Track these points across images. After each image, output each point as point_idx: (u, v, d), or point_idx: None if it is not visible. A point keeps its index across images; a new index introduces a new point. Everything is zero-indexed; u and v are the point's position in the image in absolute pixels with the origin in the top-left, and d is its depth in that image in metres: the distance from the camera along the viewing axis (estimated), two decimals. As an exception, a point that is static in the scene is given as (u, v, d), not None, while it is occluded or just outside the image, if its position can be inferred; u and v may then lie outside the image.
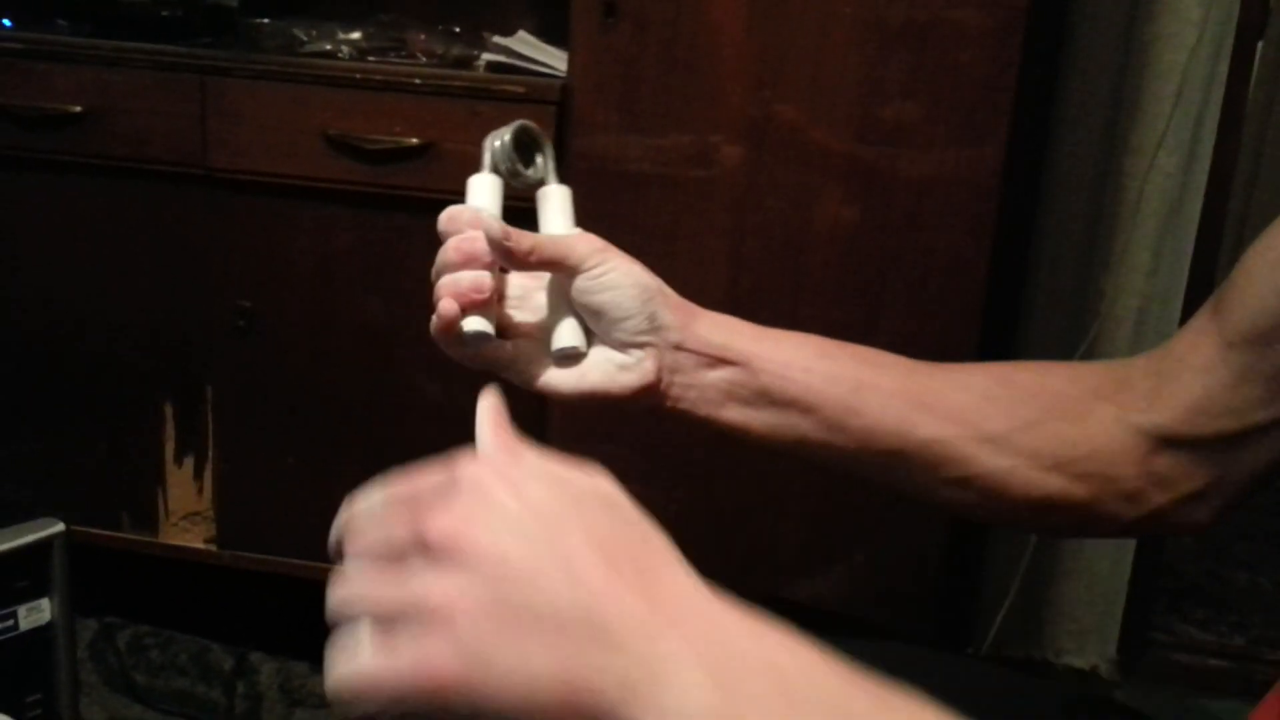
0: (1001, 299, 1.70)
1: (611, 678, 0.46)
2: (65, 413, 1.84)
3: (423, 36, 1.70)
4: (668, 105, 1.55)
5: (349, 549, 0.53)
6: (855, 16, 1.49)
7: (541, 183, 0.84)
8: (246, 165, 1.67)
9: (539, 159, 0.83)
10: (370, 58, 1.68)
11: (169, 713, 1.90)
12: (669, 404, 0.81)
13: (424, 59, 1.68)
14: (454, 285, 0.78)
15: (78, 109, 1.68)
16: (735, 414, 0.81)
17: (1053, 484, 0.79)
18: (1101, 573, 2.00)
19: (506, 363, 0.81)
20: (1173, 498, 0.79)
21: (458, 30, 1.76)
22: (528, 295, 0.83)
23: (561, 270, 0.79)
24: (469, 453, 0.54)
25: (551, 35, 1.66)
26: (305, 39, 1.70)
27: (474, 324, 0.79)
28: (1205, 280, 1.87)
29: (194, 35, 1.74)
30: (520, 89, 1.59)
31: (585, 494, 0.52)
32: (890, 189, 1.54)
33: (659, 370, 0.80)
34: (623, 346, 0.80)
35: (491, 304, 0.79)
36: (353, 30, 1.72)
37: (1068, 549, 2.00)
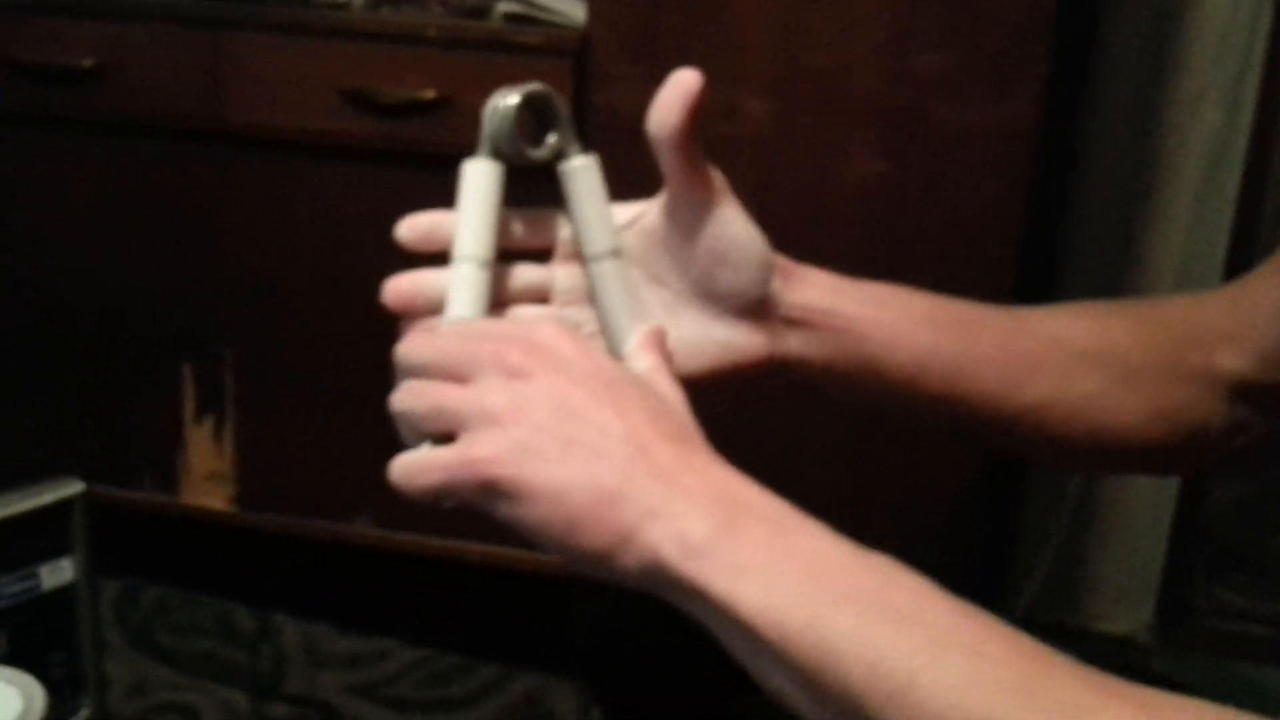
0: (1037, 255, 1.67)
1: (637, 498, 0.54)
2: (83, 374, 1.83)
3: (437, -14, 1.66)
4: (690, 57, 1.50)
5: (416, 363, 0.61)
6: (885, -38, 1.45)
7: (557, 159, 0.68)
8: (259, 121, 1.64)
9: (551, 136, 0.68)
10: (384, 8, 1.65)
11: (194, 674, 1.90)
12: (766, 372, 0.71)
13: (439, 9, 1.64)
14: None
15: (89, 64, 1.65)
16: (832, 384, 0.73)
17: (1151, 434, 0.78)
18: (1139, 537, 1.97)
19: None
20: (1249, 440, 0.79)
21: (474, -21, 1.71)
22: (577, 287, 0.70)
23: (696, 187, 0.66)
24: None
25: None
26: (318, -10, 1.66)
27: None
28: (1248, 235, 1.82)
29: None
30: (537, 40, 1.55)
31: (641, 379, 0.61)
32: (922, 142, 1.50)
33: (769, 348, 0.70)
34: (727, 316, 0.69)
35: None
36: (366, -19, 1.68)
37: (1105, 513, 1.97)
